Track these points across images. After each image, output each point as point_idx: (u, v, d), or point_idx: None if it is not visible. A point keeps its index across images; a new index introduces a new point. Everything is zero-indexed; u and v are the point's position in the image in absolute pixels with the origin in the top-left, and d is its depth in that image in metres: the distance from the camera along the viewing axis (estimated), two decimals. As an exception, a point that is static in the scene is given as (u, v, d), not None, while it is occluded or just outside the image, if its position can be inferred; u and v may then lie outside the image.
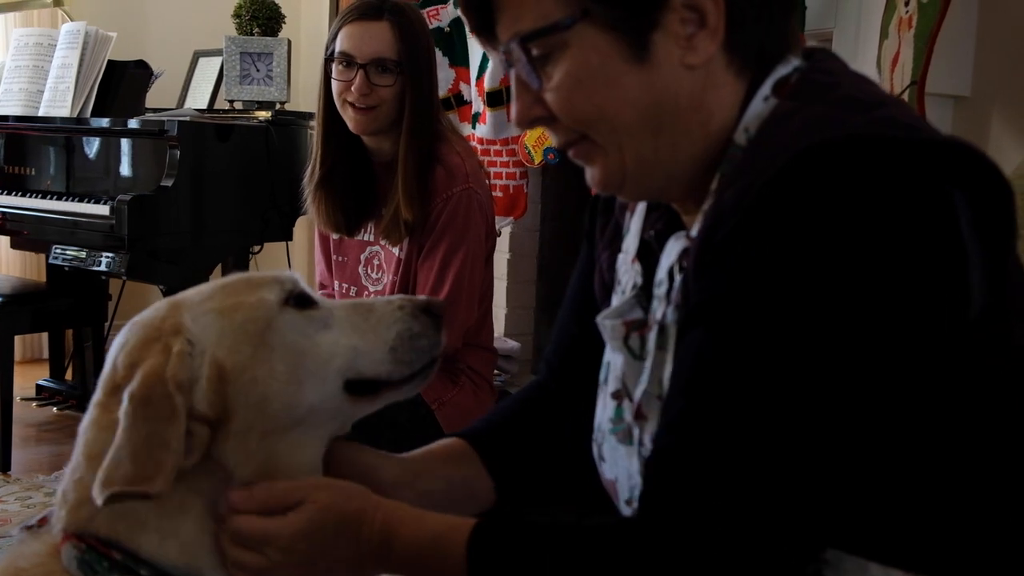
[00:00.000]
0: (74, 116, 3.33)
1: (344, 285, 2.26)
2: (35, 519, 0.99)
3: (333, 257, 2.27)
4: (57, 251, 3.13)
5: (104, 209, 3.05)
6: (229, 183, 3.22)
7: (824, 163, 0.78)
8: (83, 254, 3.07)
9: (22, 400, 3.58)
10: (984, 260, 0.79)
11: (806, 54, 0.94)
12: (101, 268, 3.03)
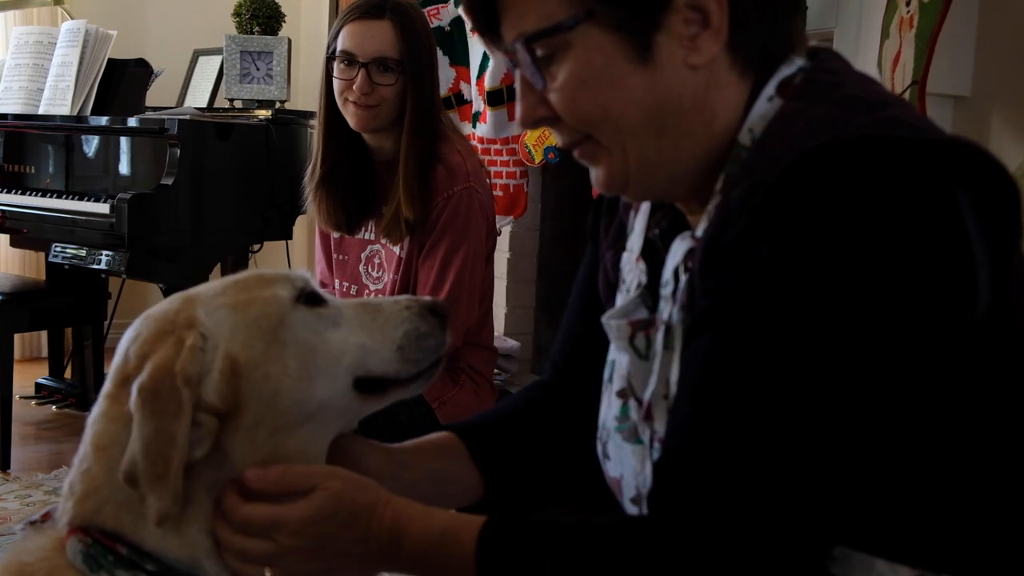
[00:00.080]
0: (74, 114, 3.33)
1: (345, 284, 2.26)
2: (39, 515, 0.99)
3: (334, 256, 2.27)
4: (57, 249, 3.12)
5: (104, 207, 3.05)
6: (229, 182, 3.22)
7: (830, 164, 0.78)
8: (83, 252, 3.07)
9: (21, 398, 3.58)
10: (990, 259, 0.79)
11: (810, 54, 0.95)
12: (101, 266, 3.03)
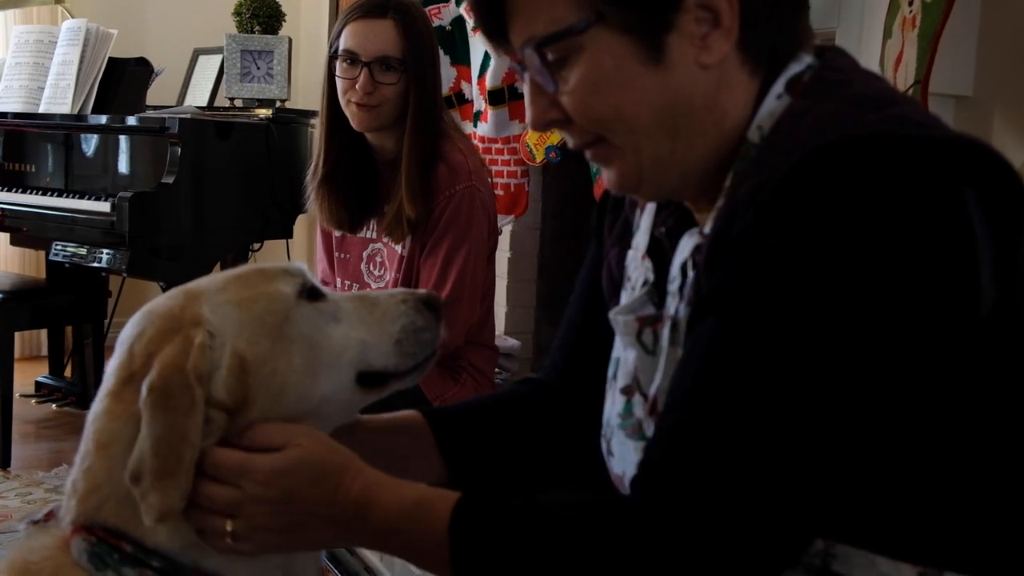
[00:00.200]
0: (75, 113, 3.33)
1: (346, 282, 2.26)
2: (41, 513, 0.98)
3: (335, 254, 2.27)
4: (58, 247, 3.13)
5: (105, 206, 3.05)
6: (229, 180, 3.23)
7: (838, 161, 0.79)
8: (83, 251, 3.07)
9: (21, 397, 3.58)
10: (995, 256, 0.80)
11: (818, 52, 0.95)
12: (101, 265, 3.03)
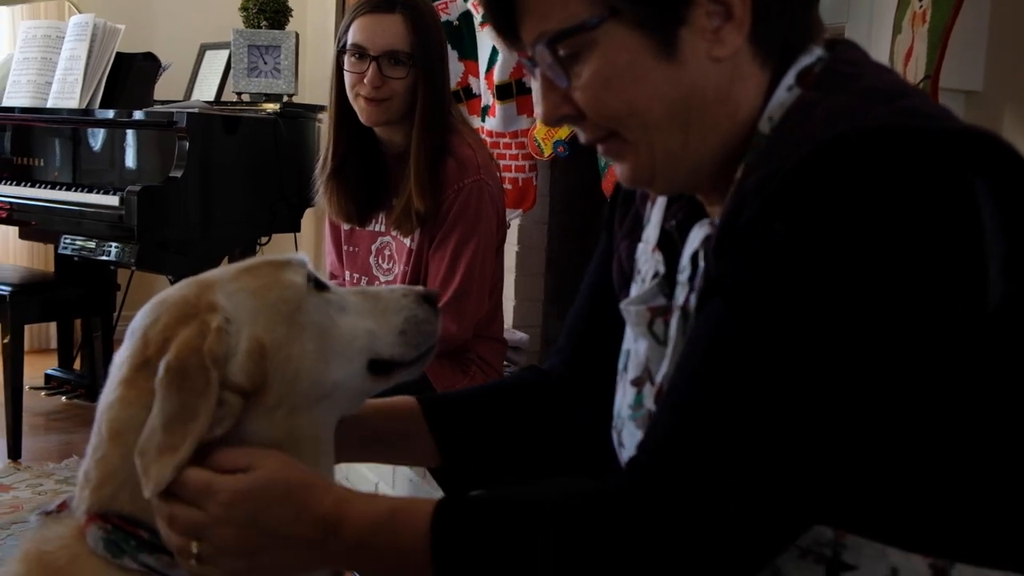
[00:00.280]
0: (82, 108, 3.34)
1: (355, 275, 2.27)
2: (54, 504, 0.99)
3: (344, 248, 2.28)
4: (67, 241, 3.14)
5: (113, 200, 3.06)
6: (237, 175, 3.24)
7: (849, 153, 0.79)
8: (92, 244, 3.08)
9: (31, 389, 3.59)
10: (1005, 249, 0.80)
11: (828, 45, 0.95)
12: (110, 258, 3.05)
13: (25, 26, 3.66)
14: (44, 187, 3.38)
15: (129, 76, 3.47)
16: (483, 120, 2.97)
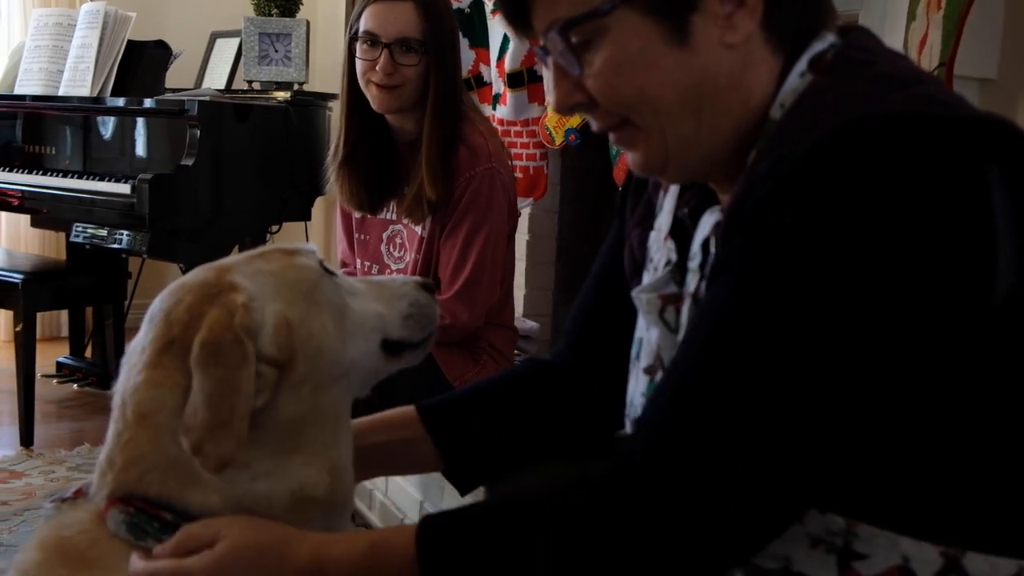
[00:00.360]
0: (94, 96, 3.34)
1: (366, 263, 2.27)
2: (70, 491, 1.00)
3: (355, 235, 2.28)
4: (79, 229, 3.15)
5: (125, 188, 3.07)
6: (248, 163, 3.24)
7: (861, 139, 0.79)
8: (104, 232, 3.09)
9: (43, 377, 3.60)
10: (1016, 238, 0.79)
11: (841, 31, 0.95)
12: (122, 246, 3.05)
13: (36, 14, 3.66)
14: (55, 175, 3.38)
15: (140, 64, 3.47)
16: (494, 108, 2.97)
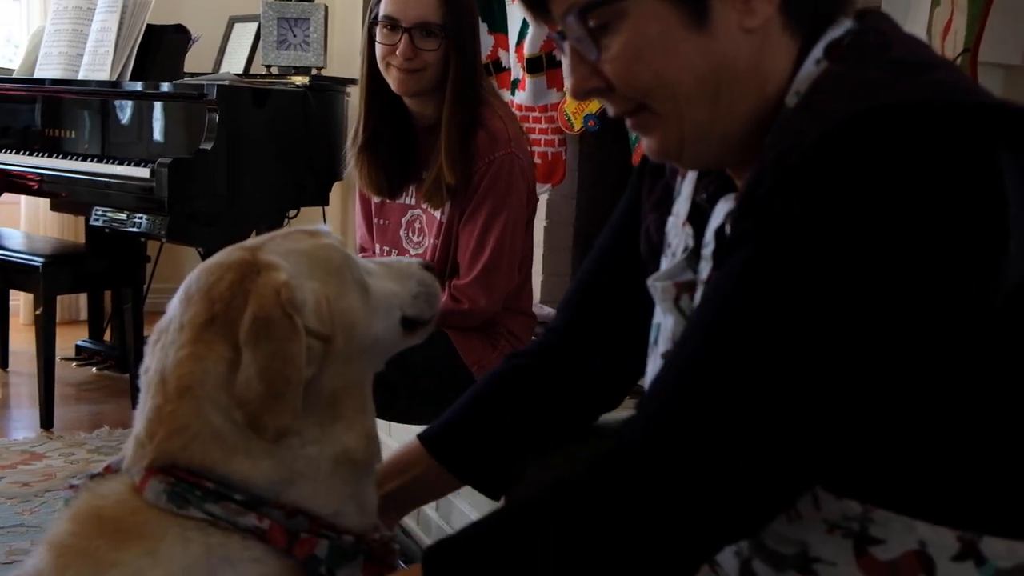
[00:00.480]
0: (113, 80, 3.35)
1: (385, 248, 2.27)
2: (100, 468, 1.01)
3: (374, 220, 2.29)
4: (98, 212, 3.16)
5: (144, 172, 3.08)
6: (266, 147, 3.25)
7: (868, 130, 0.78)
8: (123, 216, 3.10)
9: (62, 360, 3.63)
10: None
11: (859, 15, 0.94)
12: (141, 230, 3.07)
13: (56, -2, 3.68)
14: (74, 159, 3.40)
15: (159, 49, 3.48)
16: (513, 94, 2.96)
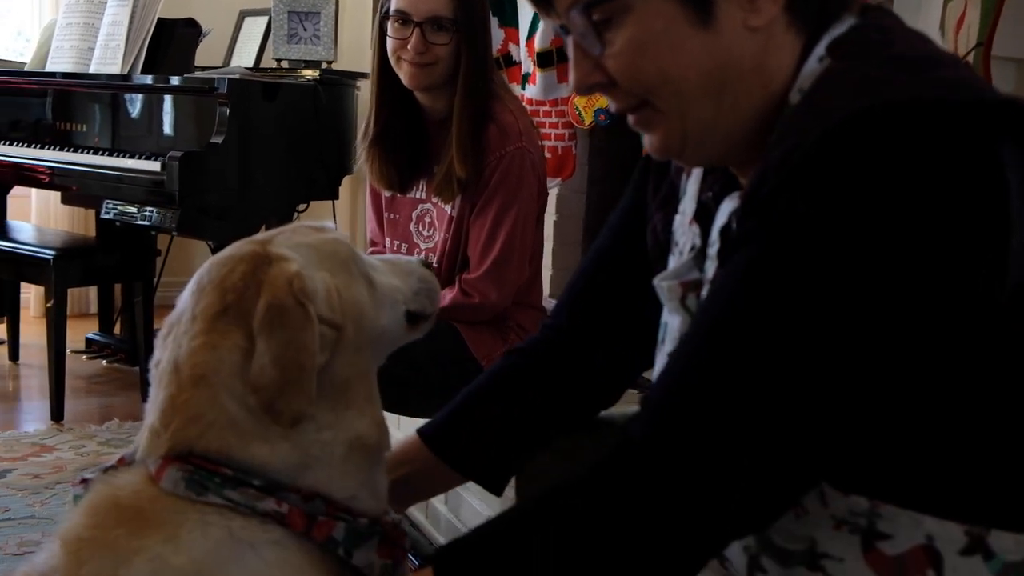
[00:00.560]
0: (124, 73, 3.36)
1: (396, 242, 2.28)
2: (113, 460, 1.01)
3: (385, 215, 2.29)
4: (109, 205, 3.17)
5: (155, 165, 3.09)
6: (277, 141, 3.25)
7: (870, 129, 0.78)
8: (133, 209, 3.11)
9: (72, 352, 3.64)
10: None
11: (862, 11, 0.94)
12: (151, 223, 3.08)
13: (67, -8, 3.68)
14: (85, 152, 3.41)
15: (170, 42, 3.49)
16: (523, 88, 2.96)
